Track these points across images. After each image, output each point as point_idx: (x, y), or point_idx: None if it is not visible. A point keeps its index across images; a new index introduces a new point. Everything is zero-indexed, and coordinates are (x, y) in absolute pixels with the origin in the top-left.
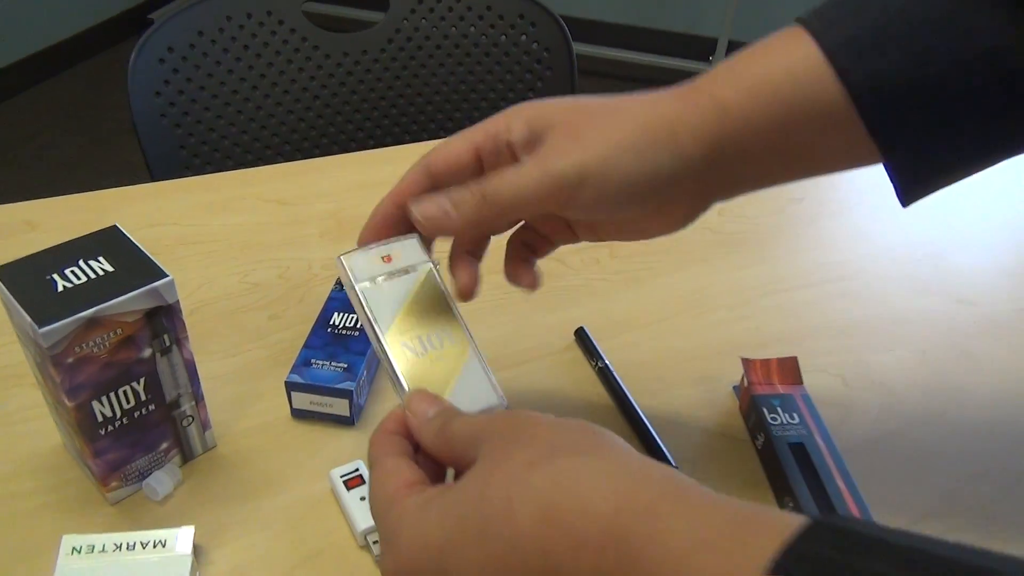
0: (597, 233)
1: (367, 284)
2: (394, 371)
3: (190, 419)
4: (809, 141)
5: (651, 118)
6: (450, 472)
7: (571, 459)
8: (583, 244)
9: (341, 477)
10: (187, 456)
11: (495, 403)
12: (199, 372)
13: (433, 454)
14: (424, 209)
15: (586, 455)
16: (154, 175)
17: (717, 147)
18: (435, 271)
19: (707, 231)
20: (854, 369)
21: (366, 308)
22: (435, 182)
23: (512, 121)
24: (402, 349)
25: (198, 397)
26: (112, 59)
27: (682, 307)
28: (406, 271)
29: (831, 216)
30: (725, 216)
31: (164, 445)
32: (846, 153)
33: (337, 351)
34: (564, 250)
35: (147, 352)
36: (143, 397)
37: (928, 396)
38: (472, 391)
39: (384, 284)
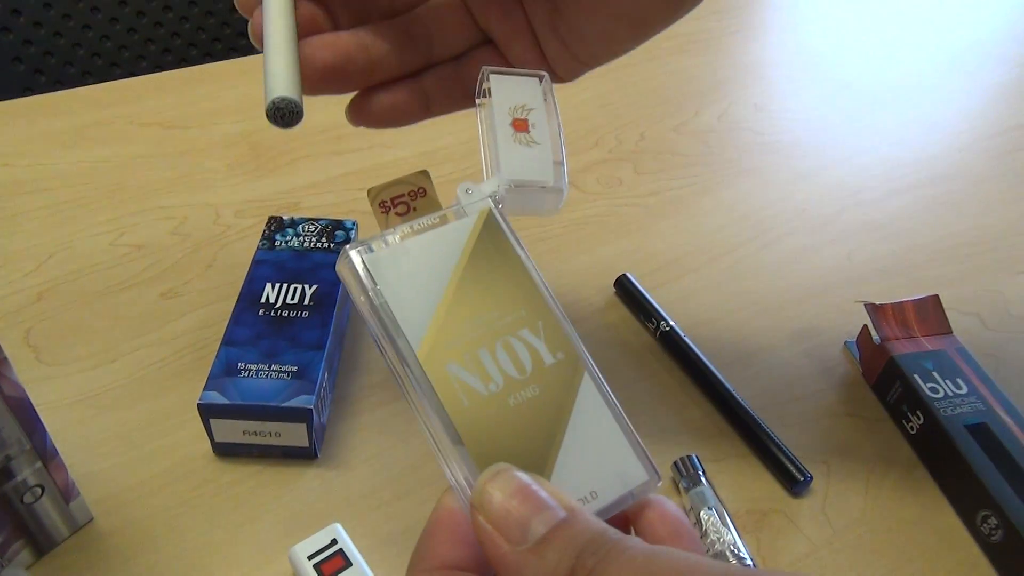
0: None
1: (368, 250)
2: (439, 426)
3: (37, 491)
4: None
5: None
6: None
7: None
8: (596, 157)
9: (310, 558)
10: (42, 548)
11: (641, 481)
12: (47, 405)
13: None
14: None
15: None
16: None
17: None
18: (497, 212)
19: (744, 131)
20: (989, 302)
21: (374, 299)
22: None
23: None
24: (451, 380)
25: (46, 452)
26: None
27: (744, 235)
28: (443, 219)
29: (890, 103)
30: (763, 113)
31: None
32: None
33: (278, 344)
34: (574, 170)
35: None
36: None
37: None
38: (596, 460)
39: (407, 246)
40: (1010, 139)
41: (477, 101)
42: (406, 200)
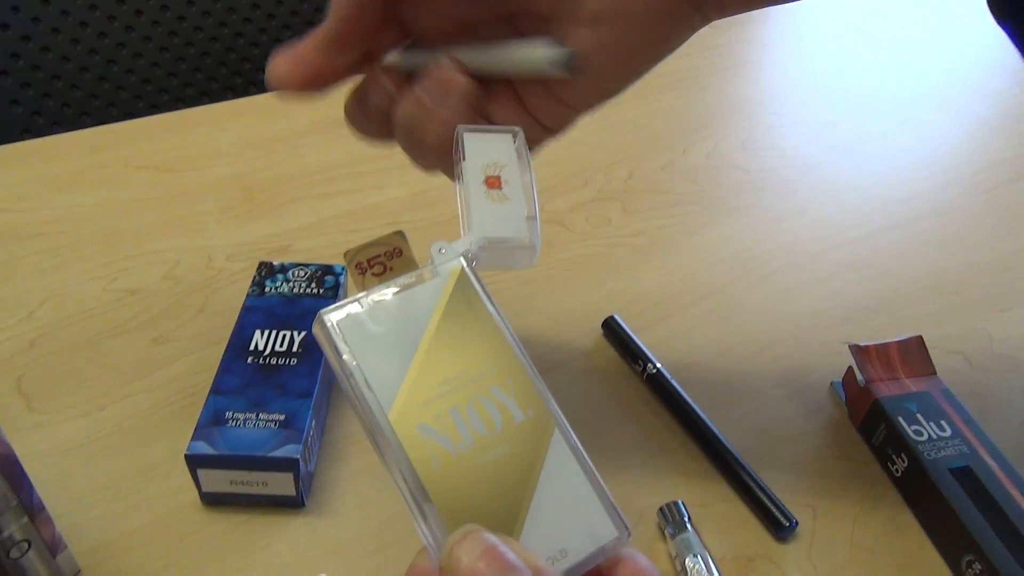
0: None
1: (343, 314)
2: (410, 486)
3: (23, 546)
4: None
5: None
6: None
7: None
8: (584, 196)
9: None
10: None
11: (611, 538)
12: (37, 454)
13: None
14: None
15: None
16: None
17: None
18: (469, 272)
19: (731, 168)
20: (973, 341)
21: (347, 363)
22: None
23: None
24: (422, 442)
25: (32, 508)
26: None
27: (730, 274)
28: (418, 278)
29: (875, 140)
30: (750, 150)
31: None
32: None
33: (266, 393)
34: (563, 209)
35: None
36: None
37: None
38: (566, 517)
39: (381, 307)
40: (994, 174)
41: (454, 158)
42: (382, 261)
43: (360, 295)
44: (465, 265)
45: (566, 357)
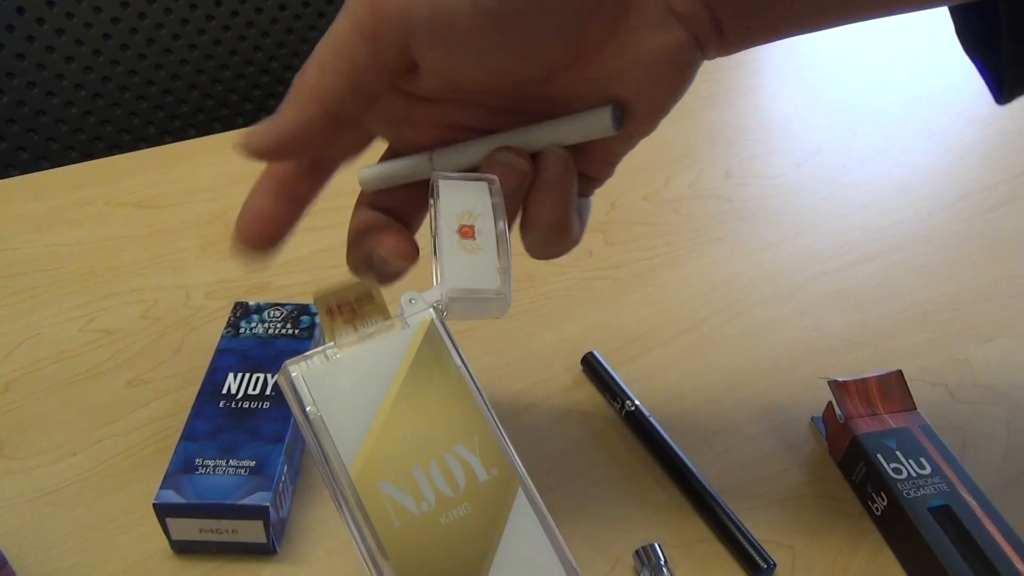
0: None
1: (308, 365)
2: (369, 545)
3: None
4: None
5: None
6: None
7: None
8: None
9: None
10: None
11: None
12: (7, 503)
13: None
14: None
15: None
16: None
17: None
18: (439, 323)
19: (714, 198)
20: (956, 373)
21: (310, 416)
22: None
23: None
24: (383, 500)
25: None
26: None
27: (712, 307)
28: (388, 327)
29: (859, 167)
30: (734, 179)
31: None
32: None
33: (237, 438)
34: None
35: None
36: None
37: None
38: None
39: (347, 359)
40: (977, 201)
41: (430, 202)
42: (352, 305)
43: (327, 346)
44: (435, 316)
45: (545, 394)
